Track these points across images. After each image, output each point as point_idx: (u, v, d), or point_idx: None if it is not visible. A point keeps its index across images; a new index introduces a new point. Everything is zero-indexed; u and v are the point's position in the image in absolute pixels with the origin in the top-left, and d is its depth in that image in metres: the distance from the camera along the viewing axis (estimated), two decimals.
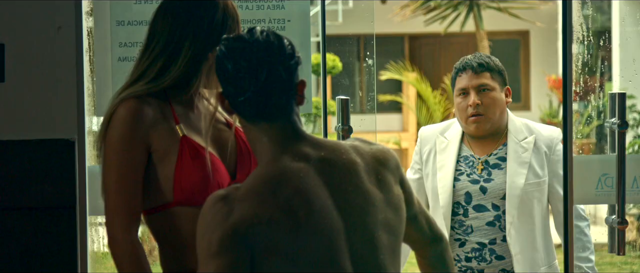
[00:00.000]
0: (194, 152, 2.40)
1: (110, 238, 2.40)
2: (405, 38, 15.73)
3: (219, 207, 2.09)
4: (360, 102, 7.60)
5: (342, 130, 3.35)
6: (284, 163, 2.15)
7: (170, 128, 2.43)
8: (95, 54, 3.22)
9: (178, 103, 2.48)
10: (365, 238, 2.16)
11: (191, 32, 2.44)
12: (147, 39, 2.48)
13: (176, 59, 2.44)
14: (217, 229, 2.07)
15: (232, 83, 2.18)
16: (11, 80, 2.91)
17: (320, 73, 11.32)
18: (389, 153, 2.28)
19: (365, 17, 3.74)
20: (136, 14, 3.22)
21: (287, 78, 2.19)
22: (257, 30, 2.20)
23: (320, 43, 3.46)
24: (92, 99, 3.22)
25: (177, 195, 2.39)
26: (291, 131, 2.19)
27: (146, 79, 2.44)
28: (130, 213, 2.39)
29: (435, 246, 2.40)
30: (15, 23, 2.91)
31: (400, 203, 2.25)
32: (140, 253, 2.38)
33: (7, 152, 2.89)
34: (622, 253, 3.43)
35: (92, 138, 3.02)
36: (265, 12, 3.27)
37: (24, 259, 2.90)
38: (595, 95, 8.53)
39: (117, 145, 2.39)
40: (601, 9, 10.90)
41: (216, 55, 2.22)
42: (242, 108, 2.20)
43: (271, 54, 2.17)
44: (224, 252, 2.06)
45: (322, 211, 2.12)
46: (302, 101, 2.23)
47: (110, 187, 2.39)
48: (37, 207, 2.90)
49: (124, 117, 2.39)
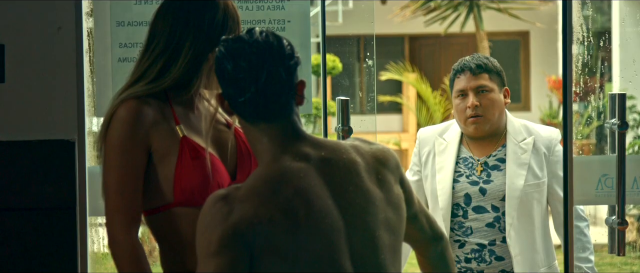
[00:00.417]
0: (194, 153, 2.40)
1: (111, 239, 2.40)
2: (405, 39, 15.73)
3: (219, 206, 2.09)
4: (360, 103, 7.60)
5: (342, 130, 3.35)
6: (285, 163, 2.15)
7: (171, 128, 2.43)
8: (95, 55, 3.22)
9: (178, 104, 2.48)
10: (366, 238, 2.16)
11: (192, 32, 2.44)
12: (147, 39, 2.48)
13: (176, 59, 2.44)
14: (217, 228, 2.07)
15: (232, 84, 2.18)
16: (11, 80, 2.91)
17: (320, 74, 11.32)
18: (389, 153, 2.28)
19: (365, 17, 3.74)
20: (136, 14, 3.22)
21: (287, 78, 2.19)
22: (256, 31, 2.20)
23: (320, 44, 3.46)
24: (92, 100, 3.22)
25: (177, 195, 2.39)
26: (291, 131, 2.19)
27: (146, 79, 2.44)
28: (131, 213, 2.39)
29: (435, 245, 2.41)
30: (16, 24, 2.91)
31: (401, 203, 2.25)
32: (140, 254, 2.38)
33: (7, 152, 2.90)
34: (622, 254, 3.43)
35: (92, 139, 3.02)
36: (265, 12, 3.27)
37: (24, 259, 2.90)
38: (595, 95, 8.53)
39: (117, 146, 2.39)
40: (601, 9, 10.90)
41: (215, 56, 2.22)
42: (242, 109, 2.20)
43: (271, 55, 2.17)
44: (224, 252, 2.06)
45: (322, 211, 2.12)
46: (301, 101, 2.23)
47: (111, 188, 2.39)
48: (37, 207, 2.90)
49: (124, 118, 2.39)
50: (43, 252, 2.90)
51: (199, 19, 2.44)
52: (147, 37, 2.49)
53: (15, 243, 2.90)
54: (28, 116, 2.91)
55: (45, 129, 2.91)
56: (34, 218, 2.90)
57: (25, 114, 2.92)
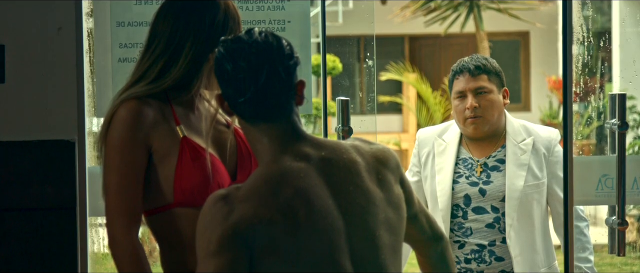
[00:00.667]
0: (194, 153, 2.40)
1: (111, 239, 2.40)
2: (405, 39, 15.73)
3: (219, 206, 2.09)
4: (361, 103, 7.59)
5: (342, 131, 3.35)
6: (285, 163, 2.15)
7: (171, 129, 2.43)
8: (95, 55, 3.22)
9: (179, 104, 2.48)
10: (366, 238, 2.16)
11: (192, 33, 2.44)
12: (148, 39, 2.48)
13: (177, 59, 2.44)
14: (217, 228, 2.07)
15: (232, 84, 2.18)
16: (11, 81, 2.91)
17: (320, 74, 11.33)
18: (389, 153, 2.28)
19: (366, 18, 3.74)
20: (136, 15, 3.22)
21: (287, 78, 2.19)
22: (256, 31, 2.20)
23: (320, 44, 3.46)
24: (92, 100, 3.22)
25: (178, 196, 2.39)
26: (291, 131, 2.19)
27: (147, 79, 2.44)
28: (131, 213, 2.39)
29: (435, 245, 2.41)
30: (16, 24, 2.91)
31: (401, 203, 2.25)
32: (140, 254, 2.38)
33: (7, 152, 2.90)
34: (622, 254, 3.43)
35: (92, 139, 3.02)
36: (265, 13, 3.27)
37: (24, 260, 2.90)
38: (596, 96, 8.53)
39: (118, 146, 2.39)
40: (601, 9, 10.90)
41: (215, 56, 2.22)
42: (241, 109, 2.20)
43: (270, 55, 2.17)
44: (223, 252, 2.06)
45: (322, 211, 2.12)
46: (301, 101, 2.23)
47: (111, 188, 2.39)
48: (38, 207, 2.90)
49: (125, 118, 2.39)
50: (43, 252, 2.90)
51: (200, 20, 2.44)
52: (147, 37, 2.49)
53: (15, 244, 2.90)
54: (28, 116, 2.91)
55: (45, 129, 2.91)
56: (34, 218, 2.90)
57: (25, 114, 2.92)
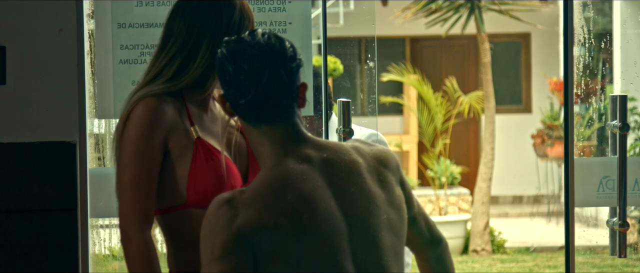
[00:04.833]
0: (208, 155, 2.40)
1: (123, 235, 2.39)
2: (406, 40, 15.71)
3: (223, 210, 2.09)
4: (362, 105, 7.60)
5: (343, 132, 3.35)
6: (288, 166, 2.14)
7: (186, 129, 2.43)
8: (96, 57, 3.22)
9: (193, 104, 2.48)
10: (369, 239, 2.16)
11: (210, 32, 2.44)
12: (163, 38, 2.48)
13: (194, 58, 2.44)
14: (221, 233, 2.06)
15: (234, 85, 2.18)
16: (12, 82, 2.92)
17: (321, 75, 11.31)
18: (390, 154, 2.28)
19: (367, 19, 3.74)
20: (137, 16, 3.22)
21: (289, 80, 2.19)
22: (259, 32, 2.20)
23: (321, 45, 3.46)
24: (93, 101, 3.22)
25: (191, 196, 2.39)
26: (293, 133, 2.19)
27: (163, 78, 2.44)
28: (145, 211, 2.38)
29: (434, 248, 2.40)
30: (17, 25, 2.91)
31: (402, 204, 2.25)
32: (152, 252, 2.38)
33: (8, 154, 2.90)
34: (624, 256, 3.43)
35: (93, 141, 3.02)
36: (266, 14, 3.27)
37: (25, 261, 2.90)
38: (597, 97, 8.52)
39: (135, 143, 2.38)
40: (602, 11, 10.90)
41: (217, 57, 2.22)
42: (243, 110, 2.20)
43: (273, 57, 2.17)
44: (228, 256, 2.05)
45: (325, 214, 2.11)
46: (303, 104, 2.23)
47: (126, 184, 2.38)
48: (39, 209, 2.91)
49: (143, 115, 2.39)
50: (44, 253, 2.90)
51: (217, 19, 2.44)
52: (162, 35, 2.48)
53: (16, 245, 2.90)
54: (29, 118, 2.91)
55: (46, 130, 2.91)
56: (35, 220, 2.90)
57: (26, 115, 2.92)
